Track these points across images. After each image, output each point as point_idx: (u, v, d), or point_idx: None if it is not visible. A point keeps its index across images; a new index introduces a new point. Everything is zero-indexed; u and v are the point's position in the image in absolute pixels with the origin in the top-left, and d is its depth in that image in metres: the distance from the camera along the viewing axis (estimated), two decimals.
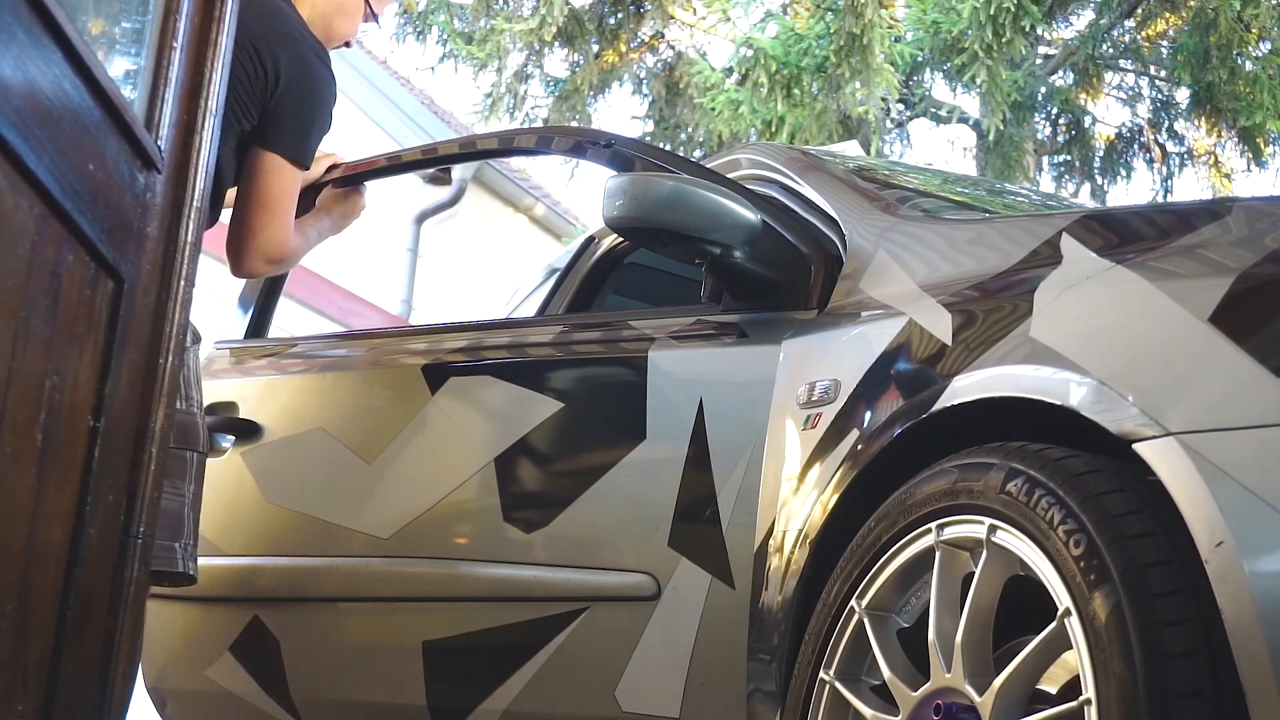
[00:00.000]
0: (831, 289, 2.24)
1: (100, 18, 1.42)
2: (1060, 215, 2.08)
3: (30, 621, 1.17)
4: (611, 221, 2.35)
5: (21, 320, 1.07)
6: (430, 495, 2.55)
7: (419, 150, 3.36)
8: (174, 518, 2.38)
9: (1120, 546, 1.49)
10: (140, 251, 1.35)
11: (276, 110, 2.53)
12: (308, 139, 2.59)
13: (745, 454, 2.14)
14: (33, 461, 1.13)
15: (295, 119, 2.55)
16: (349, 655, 2.63)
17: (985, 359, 1.81)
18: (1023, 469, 1.63)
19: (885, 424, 1.92)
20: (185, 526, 2.40)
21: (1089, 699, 1.47)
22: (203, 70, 1.47)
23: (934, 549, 1.74)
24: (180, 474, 2.39)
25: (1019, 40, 8.64)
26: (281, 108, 2.53)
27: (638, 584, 2.23)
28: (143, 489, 1.39)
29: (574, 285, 2.98)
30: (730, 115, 8.75)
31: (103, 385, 1.28)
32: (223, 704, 2.81)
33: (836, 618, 1.85)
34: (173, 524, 2.37)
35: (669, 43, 10.64)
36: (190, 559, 2.41)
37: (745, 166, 2.71)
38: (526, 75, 10.18)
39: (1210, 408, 1.53)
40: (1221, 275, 1.62)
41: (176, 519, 2.38)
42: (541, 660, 2.33)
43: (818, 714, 1.84)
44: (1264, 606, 1.38)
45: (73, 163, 1.14)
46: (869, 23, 8.37)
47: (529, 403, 2.49)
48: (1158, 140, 11.03)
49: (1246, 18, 9.07)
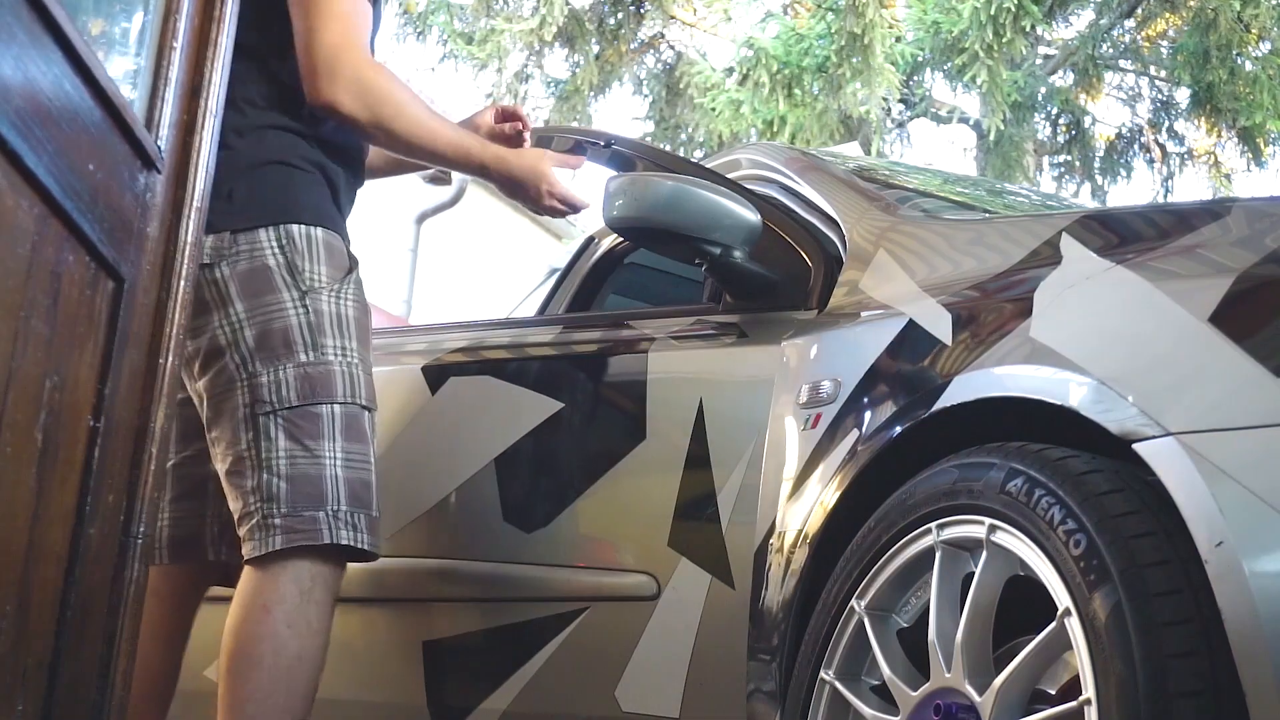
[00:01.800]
0: (831, 289, 2.24)
1: (100, 18, 1.42)
2: (1060, 215, 2.08)
3: (30, 621, 1.17)
4: (611, 222, 2.35)
5: (21, 320, 1.07)
6: (430, 495, 2.55)
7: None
8: (311, 483, 2.10)
9: (1120, 546, 1.49)
10: (140, 251, 1.35)
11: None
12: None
13: (745, 454, 2.14)
14: (33, 462, 1.13)
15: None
16: (349, 655, 2.63)
17: (985, 359, 1.81)
18: (1023, 469, 1.63)
19: (885, 424, 1.92)
20: (330, 492, 2.10)
21: (1089, 699, 1.47)
22: (203, 70, 1.47)
23: (934, 549, 1.74)
24: (313, 433, 2.11)
25: (1019, 40, 8.65)
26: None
27: (638, 584, 2.23)
28: (143, 489, 1.39)
29: (574, 285, 2.98)
30: (731, 115, 8.75)
31: (103, 385, 1.28)
32: None
33: (837, 618, 1.85)
34: (311, 491, 2.09)
35: (669, 43, 10.64)
36: (347, 527, 2.10)
37: (745, 166, 2.71)
38: (527, 75, 10.19)
39: (1210, 408, 1.53)
40: (1221, 275, 1.62)
41: (315, 485, 2.10)
42: (541, 660, 2.33)
43: (818, 714, 1.83)
44: (1264, 606, 1.38)
45: (73, 163, 1.14)
46: (870, 23, 8.38)
47: (529, 403, 2.49)
48: (1158, 140, 11.03)
49: (1246, 18, 9.07)
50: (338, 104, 2.16)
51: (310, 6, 2.16)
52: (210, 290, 2.13)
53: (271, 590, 2.06)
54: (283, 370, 2.12)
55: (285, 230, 2.16)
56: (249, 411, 2.12)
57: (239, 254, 2.14)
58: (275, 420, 2.11)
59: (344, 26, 2.16)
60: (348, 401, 2.15)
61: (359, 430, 2.16)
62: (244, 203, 2.15)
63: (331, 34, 2.15)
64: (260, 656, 2.03)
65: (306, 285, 2.15)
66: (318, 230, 2.19)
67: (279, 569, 2.07)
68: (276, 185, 2.18)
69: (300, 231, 2.17)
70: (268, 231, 2.15)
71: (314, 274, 2.16)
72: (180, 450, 2.28)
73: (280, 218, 2.16)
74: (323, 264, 2.18)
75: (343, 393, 2.14)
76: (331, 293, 2.17)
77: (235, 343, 2.13)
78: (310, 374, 2.12)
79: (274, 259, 2.14)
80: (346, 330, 2.18)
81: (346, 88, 2.15)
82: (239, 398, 2.13)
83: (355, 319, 2.20)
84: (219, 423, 2.15)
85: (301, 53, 2.16)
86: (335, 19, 2.15)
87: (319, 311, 2.15)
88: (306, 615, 2.06)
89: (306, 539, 2.08)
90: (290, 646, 2.04)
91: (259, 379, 2.12)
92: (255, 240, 2.15)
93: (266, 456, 2.10)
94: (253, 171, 2.17)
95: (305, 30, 2.16)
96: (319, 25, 2.15)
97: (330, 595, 2.11)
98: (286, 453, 2.10)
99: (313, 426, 2.11)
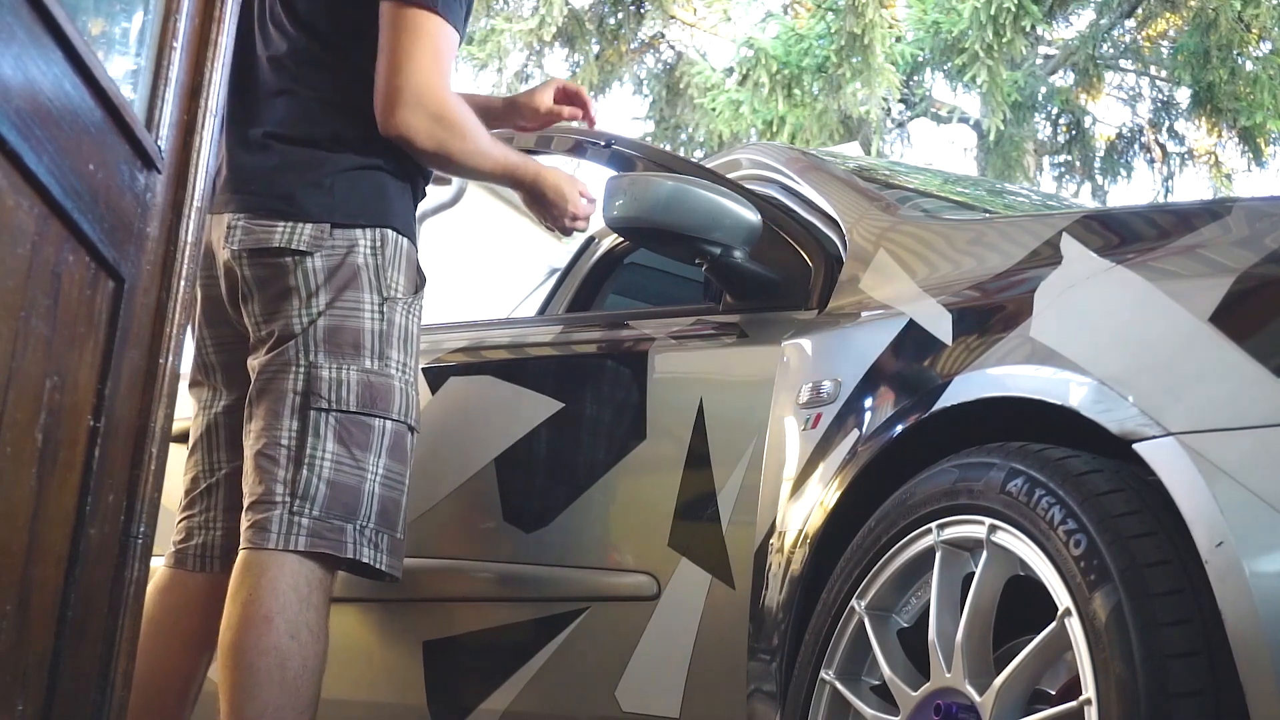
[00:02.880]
0: (831, 289, 2.24)
1: (100, 18, 1.42)
2: (1060, 215, 2.08)
3: (30, 621, 1.17)
4: (611, 221, 2.35)
5: (21, 320, 1.07)
6: (430, 495, 2.55)
7: None
8: (349, 493, 2.08)
9: (1120, 546, 1.49)
10: (140, 251, 1.35)
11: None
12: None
13: (745, 454, 2.14)
14: (33, 462, 1.13)
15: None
16: (349, 655, 2.63)
17: (985, 359, 1.81)
18: (1023, 469, 1.63)
19: (885, 424, 1.92)
20: (364, 507, 2.09)
21: (1089, 699, 1.47)
22: (203, 70, 1.46)
23: (934, 549, 1.74)
24: (363, 443, 2.10)
25: (1019, 40, 8.65)
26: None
27: (638, 584, 2.23)
28: (143, 489, 1.39)
29: (574, 285, 2.98)
30: (731, 115, 8.76)
31: (103, 385, 1.27)
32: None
33: (837, 618, 1.85)
34: (347, 500, 2.08)
35: (669, 43, 10.64)
36: (370, 545, 2.09)
37: (745, 166, 2.71)
38: (526, 75, 10.19)
39: (1210, 408, 1.53)
40: (1221, 275, 1.62)
41: (352, 495, 2.08)
42: (541, 660, 2.33)
43: (818, 714, 1.83)
44: (1264, 606, 1.38)
45: (73, 163, 1.14)
46: (870, 23, 8.38)
47: (529, 403, 2.49)
48: (1158, 140, 11.04)
49: (1246, 18, 9.07)
50: (413, 137, 2.16)
51: (402, 32, 2.14)
52: (299, 278, 2.14)
53: (273, 598, 2.04)
54: (346, 371, 2.12)
55: (381, 234, 2.18)
56: (300, 401, 2.11)
57: (335, 248, 2.15)
58: (328, 419, 2.10)
59: (434, 60, 2.14)
60: (400, 419, 2.16)
61: (402, 450, 2.17)
62: (344, 199, 2.17)
63: (421, 67, 2.13)
64: (268, 671, 2.02)
65: (388, 293, 2.16)
66: (404, 241, 2.21)
67: (283, 568, 2.06)
68: (375, 188, 2.20)
69: (393, 238, 2.19)
70: (365, 232, 2.17)
71: (394, 283, 2.18)
72: (233, 460, 2.27)
73: (378, 221, 2.18)
74: (402, 275, 2.20)
75: (398, 410, 2.15)
76: (405, 306, 2.19)
77: (307, 330, 2.12)
78: (373, 383, 2.13)
79: (365, 259, 2.16)
80: (410, 347, 2.20)
81: (425, 123, 2.15)
82: (292, 383, 2.11)
83: (418, 337, 2.23)
84: (262, 400, 2.14)
85: (384, 76, 2.14)
86: (426, 52, 2.13)
87: (392, 322, 2.16)
88: (307, 621, 2.06)
89: (330, 547, 2.07)
90: (294, 659, 2.03)
91: (319, 371, 2.11)
92: (352, 238, 2.16)
93: (311, 453, 2.09)
94: (354, 172, 2.18)
95: (393, 56, 2.14)
96: (410, 55, 2.13)
97: (326, 598, 2.11)
98: (333, 456, 2.10)
99: (364, 437, 2.11)
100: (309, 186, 2.16)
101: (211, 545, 2.29)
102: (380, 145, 2.19)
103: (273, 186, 2.17)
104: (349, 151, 2.19)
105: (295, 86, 2.22)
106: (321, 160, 2.18)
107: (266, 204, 2.16)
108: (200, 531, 2.29)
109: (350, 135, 2.19)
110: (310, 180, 2.17)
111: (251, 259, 2.16)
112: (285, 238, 2.14)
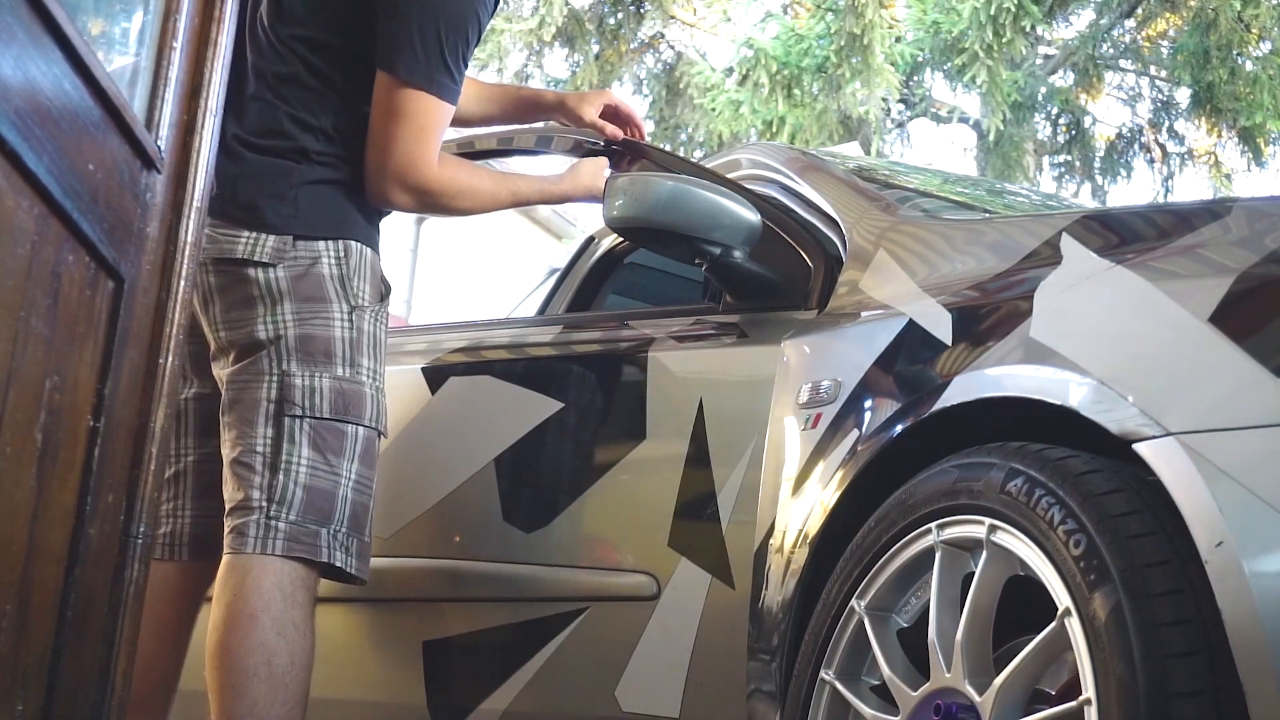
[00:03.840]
0: (831, 289, 2.24)
1: (100, 18, 1.42)
2: (1060, 215, 2.08)
3: (30, 621, 1.17)
4: (611, 221, 2.35)
5: (21, 320, 1.07)
6: (430, 495, 2.55)
7: None
8: (324, 498, 2.12)
9: (1120, 547, 1.49)
10: (140, 251, 1.35)
11: (377, 18, 2.21)
12: (416, 53, 2.18)
13: (745, 454, 2.14)
14: (33, 461, 1.13)
15: (396, 29, 2.18)
16: (349, 655, 2.63)
17: (985, 359, 1.81)
18: (1023, 469, 1.63)
19: (885, 424, 1.92)
20: (337, 511, 2.13)
21: (1089, 699, 1.47)
22: (203, 70, 1.46)
23: (934, 549, 1.74)
24: (337, 449, 2.14)
25: (1019, 40, 8.65)
26: (382, 16, 2.20)
27: (638, 584, 2.23)
28: (143, 489, 1.39)
29: (574, 285, 2.98)
30: (730, 115, 8.76)
31: (103, 385, 1.27)
32: None
33: (836, 618, 1.85)
34: (322, 505, 2.12)
35: (669, 43, 10.64)
36: (341, 549, 2.13)
37: (745, 166, 2.71)
38: (526, 75, 10.19)
39: (1210, 408, 1.53)
40: (1221, 275, 1.62)
41: (327, 500, 2.12)
42: (541, 660, 2.33)
43: (818, 714, 1.83)
44: (1264, 606, 1.38)
45: (73, 163, 1.14)
46: (869, 23, 8.38)
47: (529, 403, 2.49)
48: (1158, 140, 11.04)
49: (1246, 18, 9.07)
50: (402, 209, 2.30)
51: (390, 110, 2.21)
52: (261, 288, 2.17)
53: (257, 597, 2.07)
54: (319, 378, 2.16)
55: (344, 245, 2.23)
56: (275, 409, 2.14)
57: (299, 259, 2.19)
58: (302, 426, 2.14)
59: (418, 140, 2.21)
60: (371, 425, 2.20)
61: (372, 455, 2.21)
62: (307, 211, 2.21)
63: (405, 149, 2.21)
64: (255, 668, 2.04)
65: (354, 302, 2.21)
66: (368, 251, 2.26)
67: (265, 572, 2.09)
68: (338, 201, 2.24)
69: (356, 248, 2.24)
70: (328, 244, 2.21)
71: (361, 292, 2.22)
72: (200, 447, 2.30)
73: (340, 233, 2.23)
74: (367, 284, 2.24)
75: (370, 415, 2.20)
76: (372, 314, 2.24)
77: (276, 339, 2.16)
78: (345, 390, 2.17)
79: (330, 269, 2.20)
80: (379, 354, 2.24)
81: (410, 199, 2.26)
82: (265, 391, 2.15)
83: (385, 344, 2.26)
84: (235, 410, 2.17)
85: (371, 151, 2.23)
86: (411, 132, 2.21)
87: (361, 330, 2.20)
88: (293, 618, 2.08)
89: (306, 552, 2.10)
90: (281, 655, 2.06)
91: (292, 379, 2.15)
92: (315, 250, 2.20)
93: (286, 459, 2.12)
94: (317, 185, 2.23)
95: (380, 135, 2.22)
96: (394, 135, 2.20)
97: (311, 597, 2.14)
98: (308, 462, 2.13)
99: (338, 442, 2.15)
100: (271, 198, 2.20)
101: (180, 533, 2.31)
102: (345, 160, 2.25)
103: (236, 194, 2.20)
104: (313, 164, 2.23)
105: (270, 97, 2.25)
106: (286, 171, 2.22)
107: (230, 211, 2.19)
108: (168, 520, 2.31)
109: (315, 150, 2.24)
110: (272, 191, 2.20)
111: (215, 266, 2.19)
112: (248, 249, 2.18)
